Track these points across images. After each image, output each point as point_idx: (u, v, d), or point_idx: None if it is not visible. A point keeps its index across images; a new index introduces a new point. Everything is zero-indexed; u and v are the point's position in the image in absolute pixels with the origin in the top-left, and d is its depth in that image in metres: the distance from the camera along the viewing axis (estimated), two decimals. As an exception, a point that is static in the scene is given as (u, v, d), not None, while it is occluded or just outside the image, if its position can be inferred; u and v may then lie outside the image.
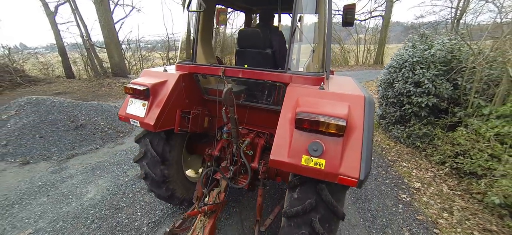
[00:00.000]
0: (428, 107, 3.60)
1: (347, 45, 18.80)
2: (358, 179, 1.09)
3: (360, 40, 18.20)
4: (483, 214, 2.36)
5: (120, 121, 1.67)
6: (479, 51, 3.21)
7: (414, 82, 3.70)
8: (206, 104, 2.13)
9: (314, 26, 1.66)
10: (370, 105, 1.25)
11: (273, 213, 2.02)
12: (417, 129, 3.73)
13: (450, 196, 2.69)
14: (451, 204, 2.55)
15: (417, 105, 3.67)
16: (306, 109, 1.21)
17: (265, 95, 1.88)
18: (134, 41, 13.50)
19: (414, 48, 4.01)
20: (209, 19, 2.14)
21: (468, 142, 2.95)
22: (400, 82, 3.89)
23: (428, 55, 3.64)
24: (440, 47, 3.66)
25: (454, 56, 3.54)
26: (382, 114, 4.61)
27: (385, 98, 4.40)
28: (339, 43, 18.18)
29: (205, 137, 2.33)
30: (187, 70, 1.88)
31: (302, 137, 1.20)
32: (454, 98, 3.54)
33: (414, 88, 3.69)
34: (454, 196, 2.69)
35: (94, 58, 11.90)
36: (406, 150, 3.83)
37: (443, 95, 3.48)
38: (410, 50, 4.00)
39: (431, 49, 3.69)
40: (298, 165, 1.17)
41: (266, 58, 2.00)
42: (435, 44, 3.79)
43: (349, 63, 18.38)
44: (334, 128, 1.11)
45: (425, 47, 3.81)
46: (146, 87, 1.66)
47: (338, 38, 17.98)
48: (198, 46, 1.97)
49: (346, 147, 1.15)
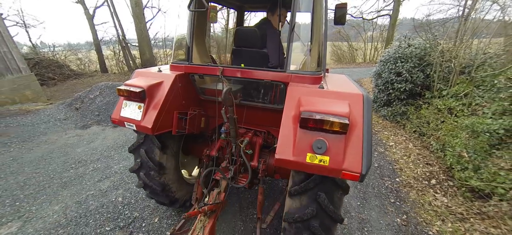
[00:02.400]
0: (406, 91, 4.77)
1: (355, 43, 19.61)
2: (360, 173, 1.13)
3: (368, 38, 18.96)
4: (429, 156, 3.57)
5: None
6: (441, 49, 4.34)
7: (396, 73, 4.88)
8: (202, 104, 2.10)
9: (311, 25, 1.67)
10: (368, 102, 1.30)
11: (274, 210, 2.04)
12: (398, 109, 4.92)
13: (412, 149, 3.90)
14: (410, 152, 3.76)
15: (398, 90, 4.85)
16: (310, 108, 1.24)
17: (262, 94, 1.88)
18: (161, 39, 15.19)
19: (399, 47, 5.17)
20: (203, 17, 2.08)
21: (430, 115, 4.13)
22: (386, 72, 5.08)
23: (407, 52, 4.80)
24: (417, 46, 4.80)
25: (426, 53, 4.67)
26: (373, 99, 5.80)
27: (376, 86, 5.59)
28: (347, 41, 19.03)
29: (200, 138, 2.30)
30: (183, 70, 1.84)
31: (306, 135, 1.23)
32: (426, 85, 4.68)
33: (396, 77, 4.87)
34: (414, 148, 3.90)
35: (128, 55, 13.63)
36: (389, 125, 5.02)
37: (417, 82, 4.64)
38: (395, 48, 5.17)
39: (409, 47, 4.85)
40: (303, 163, 1.20)
41: (262, 57, 2.00)
42: (413, 43, 4.94)
43: (357, 60, 19.20)
44: (338, 126, 1.15)
45: (405, 46, 4.97)
46: (142, 88, 1.61)
47: (347, 37, 18.85)
48: (193, 46, 1.92)
49: (348, 144, 1.19)
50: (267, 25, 2.26)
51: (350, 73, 12.75)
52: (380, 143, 4.24)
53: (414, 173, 3.25)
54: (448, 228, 2.29)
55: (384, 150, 3.96)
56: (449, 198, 2.68)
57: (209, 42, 9.87)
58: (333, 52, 20.90)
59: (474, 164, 2.71)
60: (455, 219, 2.38)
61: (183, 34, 1.96)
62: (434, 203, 2.64)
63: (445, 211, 2.50)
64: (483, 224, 2.24)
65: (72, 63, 15.10)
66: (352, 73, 12.67)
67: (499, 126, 2.76)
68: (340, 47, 19.67)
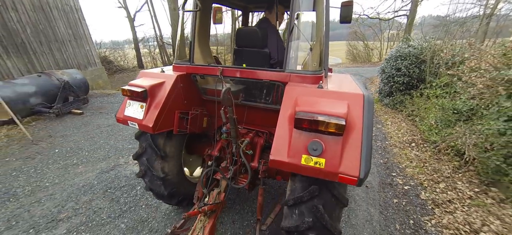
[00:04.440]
0: (404, 84, 5.89)
1: (371, 43, 20.14)
2: (358, 177, 1.09)
3: (384, 37, 19.42)
4: (415, 131, 4.75)
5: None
6: (432, 49, 5.42)
7: (396, 68, 6.01)
8: (204, 104, 2.12)
9: (312, 24, 1.64)
10: (369, 103, 1.24)
11: (274, 212, 2.02)
12: (398, 98, 6.05)
13: (403, 126, 5.08)
14: (401, 128, 4.96)
15: (397, 83, 5.98)
16: (305, 108, 1.21)
17: (263, 94, 1.86)
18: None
19: (400, 47, 6.27)
20: (206, 19, 2.10)
21: (420, 102, 5.26)
22: (388, 68, 6.22)
23: (406, 51, 5.91)
24: (415, 46, 5.89)
25: (422, 52, 5.75)
26: (379, 91, 6.93)
27: (382, 81, 6.72)
28: (363, 40, 19.66)
29: (204, 138, 2.32)
30: (185, 70, 1.87)
31: (301, 136, 1.20)
32: (421, 78, 5.77)
33: (396, 72, 6.00)
34: (405, 126, 5.07)
35: (163, 52, 15.65)
36: (390, 111, 6.17)
37: (413, 76, 5.74)
38: (397, 48, 6.29)
39: (408, 48, 5.95)
40: (298, 165, 1.17)
41: (264, 57, 1.99)
42: (412, 44, 6.03)
43: (373, 59, 19.74)
44: (334, 128, 1.11)
45: (405, 46, 6.07)
46: (144, 88, 1.65)
47: (362, 36, 19.48)
48: (196, 46, 1.94)
49: (346, 146, 1.15)
50: (267, 24, 2.30)
51: (364, 72, 13.56)
52: (379, 122, 5.46)
53: (400, 139, 4.47)
54: (412, 165, 3.55)
55: (381, 126, 5.19)
56: (420, 152, 3.90)
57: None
58: (348, 52, 21.57)
59: (437, 128, 3.91)
60: (419, 161, 3.62)
61: (186, 35, 1.97)
62: (409, 155, 3.87)
63: (414, 158, 3.74)
64: (435, 164, 3.46)
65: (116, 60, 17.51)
66: (366, 72, 13.44)
67: (463, 106, 3.91)
68: (356, 47, 20.33)
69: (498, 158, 2.73)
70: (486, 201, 2.63)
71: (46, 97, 5.47)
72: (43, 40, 7.08)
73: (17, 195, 2.90)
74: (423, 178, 3.21)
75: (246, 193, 2.76)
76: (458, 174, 3.17)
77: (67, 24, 7.96)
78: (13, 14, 6.21)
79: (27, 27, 6.59)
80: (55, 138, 4.53)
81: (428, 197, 2.84)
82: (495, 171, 2.77)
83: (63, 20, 7.79)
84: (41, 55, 6.96)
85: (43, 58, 7.02)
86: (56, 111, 5.33)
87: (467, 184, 2.96)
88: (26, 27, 6.57)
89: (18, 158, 3.78)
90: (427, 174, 3.28)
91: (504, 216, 2.40)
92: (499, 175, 2.75)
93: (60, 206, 2.70)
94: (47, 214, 2.58)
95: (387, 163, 3.68)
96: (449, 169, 3.29)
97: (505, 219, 2.37)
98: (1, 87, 4.64)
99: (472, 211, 2.53)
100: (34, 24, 6.79)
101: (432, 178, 3.19)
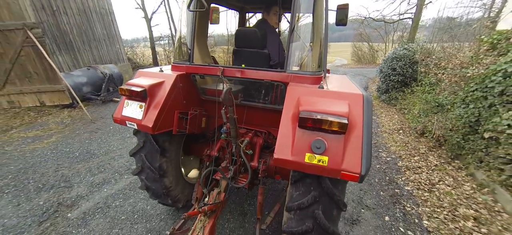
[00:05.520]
0: (399, 82, 6.70)
1: (376, 45, 20.70)
2: (359, 174, 1.13)
3: (389, 39, 19.96)
4: (404, 121, 5.58)
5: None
6: (421, 51, 6.22)
7: (392, 68, 6.82)
8: (203, 105, 2.13)
9: (312, 25, 1.67)
10: (368, 103, 1.29)
11: (274, 211, 2.06)
12: (393, 95, 6.86)
13: (395, 117, 5.91)
14: (393, 119, 5.79)
15: (393, 81, 6.80)
16: (308, 108, 1.25)
17: (263, 94, 1.89)
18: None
19: (396, 50, 7.07)
20: (204, 19, 2.11)
21: (411, 97, 6.06)
22: (385, 68, 7.04)
23: (401, 53, 6.72)
24: (410, 49, 6.69)
25: (415, 54, 6.55)
26: (377, 88, 7.75)
27: (380, 79, 7.53)
28: (368, 42, 20.26)
29: (201, 138, 2.33)
30: (184, 70, 1.87)
31: (305, 135, 1.24)
32: (414, 77, 6.57)
33: (392, 71, 6.81)
34: (397, 117, 5.89)
35: (178, 51, 16.80)
36: (385, 106, 6.99)
37: (406, 75, 6.55)
38: (393, 50, 7.10)
39: (403, 50, 6.76)
40: (302, 163, 1.21)
41: (263, 57, 2.02)
42: (407, 47, 6.83)
43: (377, 61, 20.30)
44: (337, 126, 1.15)
45: (400, 49, 6.88)
46: (143, 88, 1.64)
47: (367, 38, 20.09)
48: (195, 46, 1.93)
49: (348, 144, 1.19)
50: (265, 25, 2.33)
51: (368, 73, 14.25)
52: (375, 115, 6.30)
53: (390, 127, 5.31)
54: (396, 144, 4.40)
55: (376, 118, 6.04)
56: (405, 136, 4.74)
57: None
58: (353, 53, 22.19)
59: (419, 117, 4.75)
60: (402, 143, 4.47)
61: (185, 35, 2.01)
62: (395, 138, 4.72)
63: (399, 140, 4.59)
64: (415, 144, 4.31)
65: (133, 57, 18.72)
66: (370, 72, 14.08)
67: (443, 100, 4.72)
68: (361, 48, 20.94)
69: (458, 136, 3.57)
70: (447, 168, 3.49)
71: (94, 87, 6.58)
72: (85, 39, 8.23)
73: (96, 154, 3.94)
74: (402, 153, 4.07)
75: (245, 193, 2.83)
76: (431, 151, 4.01)
77: (103, 25, 9.11)
78: (64, 18, 7.36)
79: (74, 28, 7.74)
80: (106, 119, 5.60)
81: (403, 165, 3.71)
82: (457, 146, 3.61)
83: (100, 22, 8.94)
84: (83, 52, 8.11)
85: (84, 55, 8.17)
86: (102, 98, 6.43)
87: (437, 158, 3.81)
88: (73, 28, 7.72)
89: (85, 132, 4.85)
90: (407, 151, 4.14)
91: (457, 177, 3.26)
92: (459, 150, 3.59)
93: (130, 162, 3.71)
94: (122, 165, 3.60)
95: (376, 143, 4.55)
96: (425, 148, 4.13)
97: (458, 178, 3.22)
98: (65, 77, 5.74)
99: (434, 173, 3.39)
100: (78, 25, 7.95)
101: (410, 153, 4.04)
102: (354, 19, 18.70)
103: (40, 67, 5.50)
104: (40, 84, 5.66)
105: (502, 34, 3.48)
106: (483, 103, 3.19)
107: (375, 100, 7.67)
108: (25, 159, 3.75)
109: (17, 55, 5.24)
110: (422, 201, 2.85)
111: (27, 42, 5.16)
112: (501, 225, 2.35)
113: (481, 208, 2.60)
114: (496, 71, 3.01)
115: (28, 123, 5.17)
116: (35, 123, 5.19)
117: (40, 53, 5.17)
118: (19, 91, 5.61)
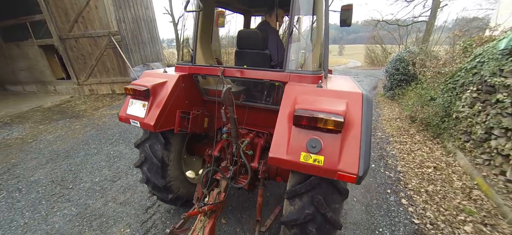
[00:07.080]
0: (401, 80, 7.72)
1: (390, 47, 21.17)
2: (357, 175, 1.10)
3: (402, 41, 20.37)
4: (402, 112, 6.63)
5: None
6: (420, 53, 7.20)
7: (395, 69, 7.85)
8: (205, 105, 2.17)
9: (312, 26, 1.71)
10: (368, 102, 1.26)
11: (274, 214, 2.06)
12: (396, 92, 7.89)
13: (395, 110, 6.96)
14: (393, 111, 6.85)
15: (396, 79, 7.82)
16: (304, 106, 1.24)
17: (264, 95, 1.90)
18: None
19: (400, 52, 8.07)
20: (208, 21, 2.16)
21: (410, 93, 7.08)
22: (390, 69, 8.07)
23: (404, 55, 7.73)
24: (412, 52, 7.69)
25: (415, 56, 7.53)
26: (383, 86, 8.78)
27: (386, 78, 8.56)
28: (381, 45, 20.82)
29: (205, 138, 2.38)
30: (187, 71, 1.92)
31: (300, 134, 1.22)
32: (415, 76, 7.55)
33: (395, 71, 7.84)
34: (396, 110, 6.94)
35: (202, 52, 18.56)
36: (389, 101, 8.02)
37: (408, 74, 7.55)
38: (398, 52, 8.12)
39: (406, 52, 7.77)
40: (297, 162, 1.20)
41: (265, 58, 2.03)
42: (410, 50, 7.83)
43: (390, 63, 20.76)
44: (332, 124, 1.14)
45: (404, 51, 7.89)
46: (146, 87, 1.69)
47: (381, 40, 20.66)
48: (198, 47, 1.97)
49: (345, 143, 1.17)
50: (267, 26, 2.37)
51: (379, 74, 14.98)
52: (379, 107, 7.38)
53: (389, 117, 6.41)
54: (392, 127, 5.53)
55: (379, 110, 7.13)
56: (400, 123, 5.84)
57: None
58: (367, 55, 22.79)
59: (412, 106, 5.83)
60: (397, 127, 5.58)
61: (188, 36, 2.01)
62: (392, 124, 5.83)
63: (395, 125, 5.70)
64: (407, 128, 5.41)
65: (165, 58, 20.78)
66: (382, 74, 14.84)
67: (435, 94, 5.76)
68: (374, 51, 21.53)
69: (437, 119, 4.67)
70: (427, 142, 4.60)
71: (147, 80, 8.31)
72: (136, 42, 10.07)
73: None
74: (395, 133, 5.20)
75: (245, 195, 2.83)
76: (419, 133, 5.11)
77: (147, 30, 10.95)
78: (123, 25, 9.22)
79: (129, 33, 9.59)
80: (161, 105, 7.22)
81: (393, 140, 4.86)
82: (437, 127, 4.70)
83: (146, 28, 10.79)
84: (134, 52, 9.94)
85: (135, 55, 10.01)
86: (155, 89, 8.12)
87: (422, 137, 4.91)
88: (128, 33, 9.57)
89: (149, 112, 6.48)
90: (398, 131, 5.26)
91: (433, 148, 4.37)
92: (439, 130, 4.68)
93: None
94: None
95: (375, 127, 5.70)
96: (414, 130, 5.23)
97: (433, 148, 4.34)
98: (129, 72, 7.47)
99: (416, 146, 4.52)
100: (132, 31, 9.79)
101: (401, 133, 5.17)
102: (368, 22, 19.42)
103: (115, 63, 7.25)
104: (114, 76, 7.42)
105: (472, 40, 4.54)
106: (453, 93, 4.28)
107: (381, 96, 8.70)
108: (120, 126, 5.39)
109: (101, 54, 7.02)
110: (401, 159, 4.03)
111: (109, 45, 6.91)
112: (452, 171, 3.49)
113: (441, 163, 3.74)
114: (461, 68, 4.11)
115: (108, 105, 6.93)
116: (112, 105, 6.93)
117: (117, 52, 6.90)
118: (98, 82, 7.41)
